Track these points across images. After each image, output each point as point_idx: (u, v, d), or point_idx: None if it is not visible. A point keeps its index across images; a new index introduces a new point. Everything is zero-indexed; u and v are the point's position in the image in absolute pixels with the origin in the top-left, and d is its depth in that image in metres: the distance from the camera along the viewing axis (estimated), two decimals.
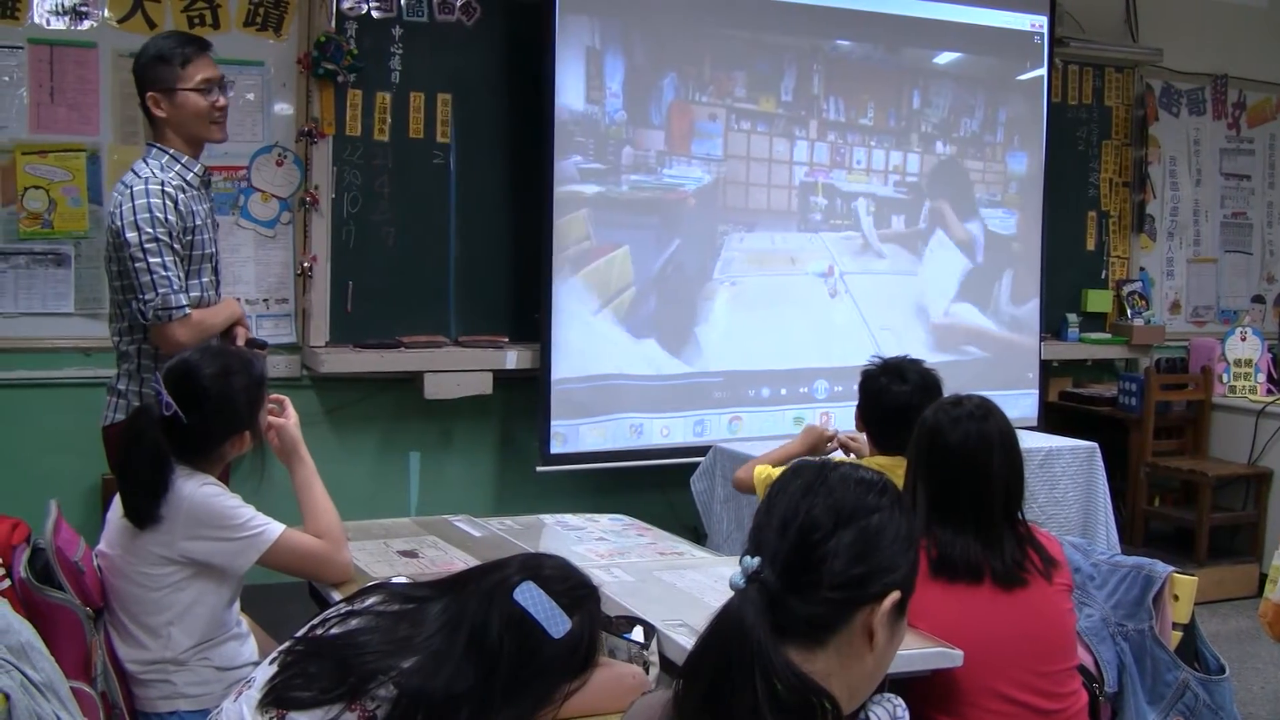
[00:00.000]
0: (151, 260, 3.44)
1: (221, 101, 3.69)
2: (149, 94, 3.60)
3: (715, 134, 5.68)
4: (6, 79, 4.85)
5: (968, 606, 2.65)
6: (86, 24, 4.93)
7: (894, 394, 3.53)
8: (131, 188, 3.49)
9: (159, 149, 3.62)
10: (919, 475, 2.80)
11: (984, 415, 2.78)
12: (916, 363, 3.64)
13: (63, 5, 4.89)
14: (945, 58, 6.21)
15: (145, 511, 2.63)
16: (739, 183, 5.75)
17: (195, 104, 3.62)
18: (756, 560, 1.61)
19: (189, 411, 2.68)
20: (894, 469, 3.01)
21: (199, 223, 3.60)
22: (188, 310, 3.49)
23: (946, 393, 3.19)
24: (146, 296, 3.45)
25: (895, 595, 1.65)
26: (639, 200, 5.54)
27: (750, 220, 5.77)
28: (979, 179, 6.34)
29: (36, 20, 4.87)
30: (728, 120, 5.71)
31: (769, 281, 5.81)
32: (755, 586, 1.59)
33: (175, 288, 3.47)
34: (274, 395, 2.99)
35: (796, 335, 5.87)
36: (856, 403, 3.71)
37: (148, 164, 3.58)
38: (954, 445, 2.75)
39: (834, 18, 5.91)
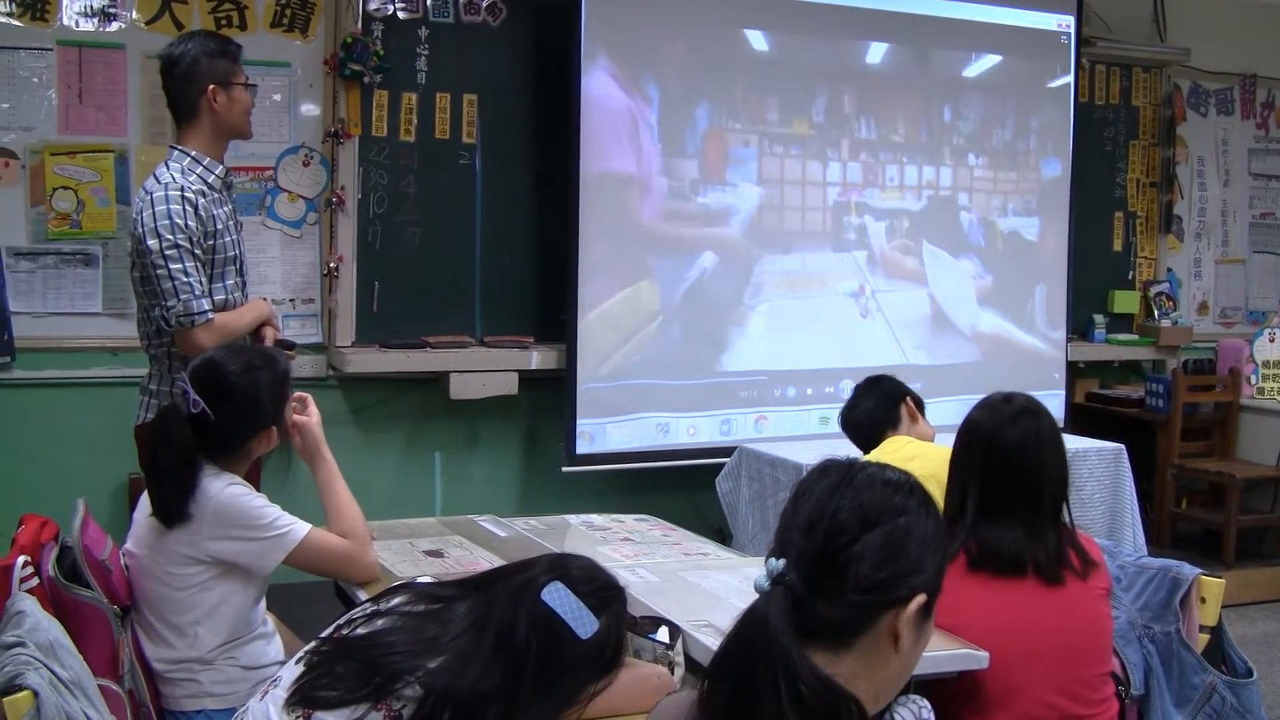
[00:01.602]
0: (173, 267, 3.43)
1: (253, 102, 3.76)
2: (211, 87, 3.57)
3: (750, 159, 5.70)
4: (35, 80, 4.88)
5: (1009, 601, 2.62)
6: (115, 25, 4.96)
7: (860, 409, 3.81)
8: (152, 194, 3.47)
9: (180, 151, 3.59)
10: (968, 474, 2.74)
11: (1037, 412, 2.76)
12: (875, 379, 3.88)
13: (91, 7, 4.92)
14: (975, 68, 6.19)
15: (174, 510, 2.64)
16: (774, 207, 5.76)
17: (246, 100, 3.67)
18: (781, 562, 1.59)
19: (215, 408, 2.69)
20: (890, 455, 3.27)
21: (220, 226, 3.58)
22: (210, 315, 3.48)
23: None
24: (169, 303, 3.44)
25: (921, 598, 1.64)
26: (675, 226, 5.58)
27: (785, 243, 5.79)
28: (1013, 189, 6.32)
29: (65, 22, 4.90)
30: (761, 145, 5.72)
31: (799, 304, 5.81)
32: (780, 590, 1.58)
33: (197, 293, 3.46)
34: (297, 394, 3.00)
35: (828, 352, 5.87)
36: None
37: (169, 168, 3.55)
38: (1012, 444, 2.70)
39: (861, 18, 5.91)
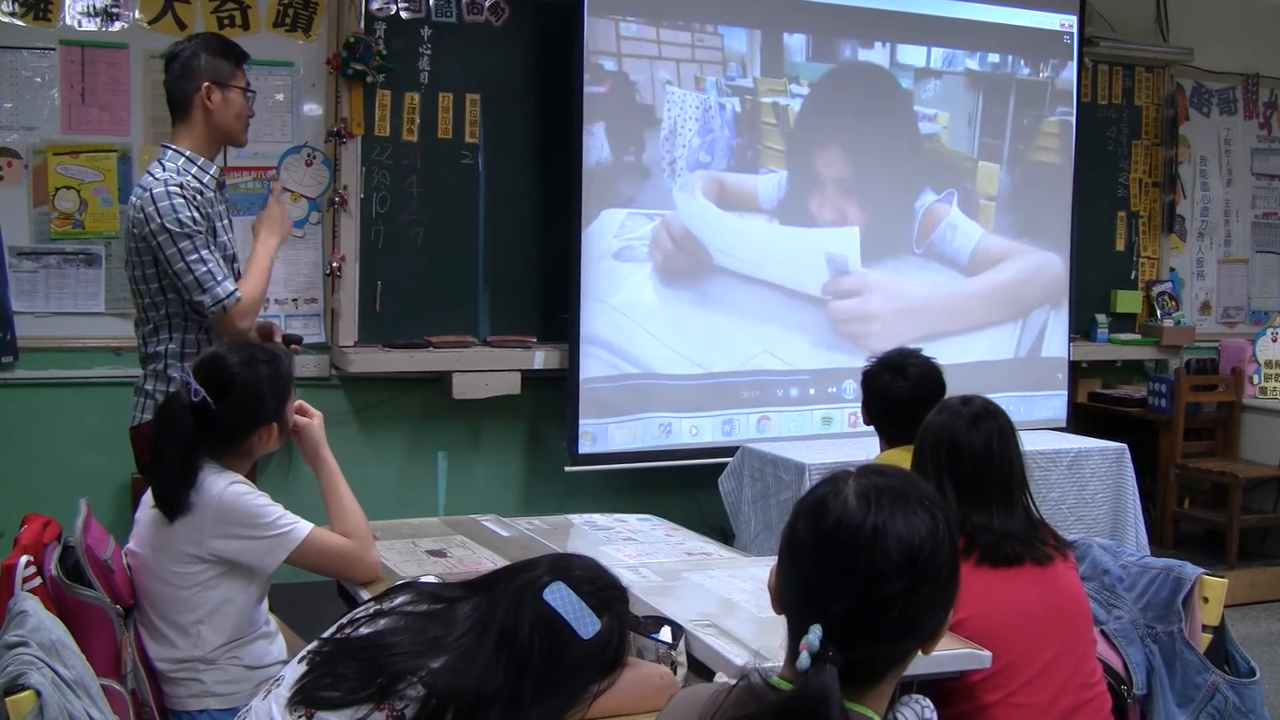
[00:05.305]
0: (190, 259, 3.44)
1: (252, 111, 3.75)
2: (205, 83, 3.56)
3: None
4: (39, 80, 4.88)
5: (1016, 585, 2.66)
6: (117, 25, 4.96)
7: (896, 389, 3.64)
8: (151, 190, 3.46)
9: (175, 151, 3.58)
10: (942, 477, 2.77)
11: (995, 413, 2.83)
12: (914, 354, 3.73)
13: (94, 7, 4.92)
14: (975, 67, 6.17)
15: (176, 499, 2.64)
16: (789, 191, 5.75)
17: (242, 104, 3.66)
18: (818, 634, 1.51)
19: (216, 400, 2.69)
20: (905, 459, 3.07)
21: (218, 224, 3.60)
22: (237, 294, 3.51)
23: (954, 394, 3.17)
24: (198, 298, 3.46)
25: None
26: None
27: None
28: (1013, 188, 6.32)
29: (68, 22, 4.90)
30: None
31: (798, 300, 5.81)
32: (827, 668, 1.49)
33: (219, 278, 3.48)
34: (297, 403, 2.99)
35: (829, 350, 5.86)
36: (861, 401, 3.79)
37: (163, 166, 3.54)
38: (978, 448, 2.76)
39: (858, 17, 5.88)
